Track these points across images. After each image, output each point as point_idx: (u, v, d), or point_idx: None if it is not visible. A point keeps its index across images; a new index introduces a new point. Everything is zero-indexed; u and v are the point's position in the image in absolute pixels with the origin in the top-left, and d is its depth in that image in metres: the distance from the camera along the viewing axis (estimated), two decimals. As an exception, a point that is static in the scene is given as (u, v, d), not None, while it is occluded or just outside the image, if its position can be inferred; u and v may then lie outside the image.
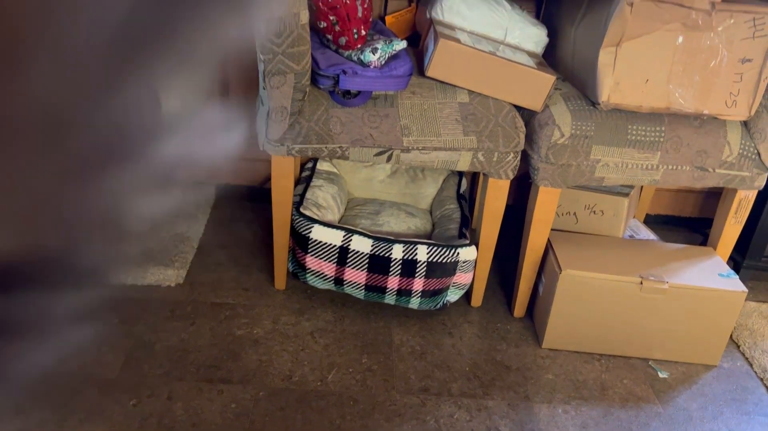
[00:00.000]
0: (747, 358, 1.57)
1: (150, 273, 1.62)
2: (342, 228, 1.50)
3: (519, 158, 1.47)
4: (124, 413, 1.25)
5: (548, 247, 1.55)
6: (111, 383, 1.31)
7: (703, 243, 2.04)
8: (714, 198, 2.11)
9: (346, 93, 1.40)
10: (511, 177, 1.48)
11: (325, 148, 1.43)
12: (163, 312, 1.53)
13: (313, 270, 1.53)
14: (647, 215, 2.12)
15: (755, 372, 1.53)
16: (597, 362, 1.51)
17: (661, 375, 1.49)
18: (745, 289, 1.45)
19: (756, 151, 1.48)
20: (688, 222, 2.17)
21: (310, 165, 1.86)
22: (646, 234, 1.78)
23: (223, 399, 1.30)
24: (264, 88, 1.41)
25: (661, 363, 1.53)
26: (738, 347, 1.61)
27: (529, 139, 1.47)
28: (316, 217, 1.57)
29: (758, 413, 1.41)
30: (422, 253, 1.47)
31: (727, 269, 1.53)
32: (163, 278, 1.62)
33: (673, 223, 2.17)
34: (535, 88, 1.43)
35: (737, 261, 1.83)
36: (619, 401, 1.40)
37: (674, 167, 1.47)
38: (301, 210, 1.56)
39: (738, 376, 1.51)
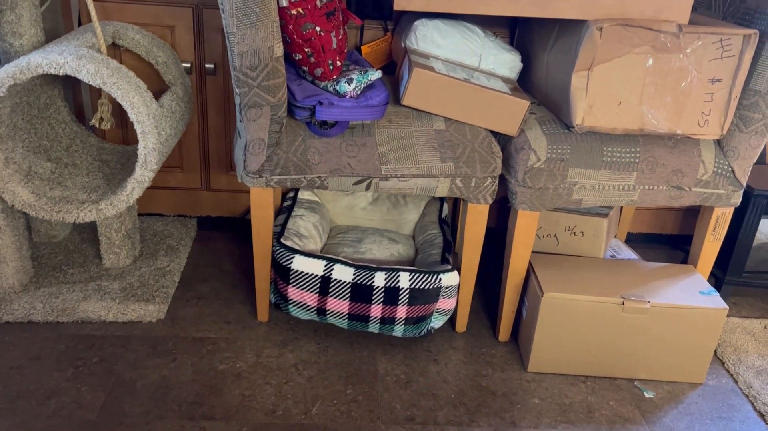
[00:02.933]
0: (732, 375, 1.57)
1: (131, 309, 1.60)
2: (323, 258, 1.49)
3: (497, 183, 1.48)
4: (104, 454, 1.22)
5: (530, 270, 1.55)
6: (90, 425, 1.29)
7: (685, 260, 2.05)
8: (694, 215, 2.13)
9: (323, 123, 1.41)
10: (490, 201, 1.49)
11: (304, 178, 1.44)
12: (144, 349, 1.51)
13: (295, 301, 1.52)
14: (629, 234, 2.14)
15: (740, 389, 1.53)
16: (583, 384, 1.51)
17: (647, 395, 1.49)
18: (726, 306, 1.46)
19: (730, 169, 1.50)
20: (669, 240, 2.19)
21: (291, 194, 1.86)
22: (628, 253, 1.79)
23: (205, 437, 1.28)
24: (241, 121, 1.41)
25: (646, 383, 1.53)
26: (723, 364, 1.61)
27: (506, 163, 1.49)
28: (297, 247, 1.57)
29: (744, 430, 1.41)
30: (404, 280, 1.47)
31: (707, 286, 1.53)
32: (144, 314, 1.60)
33: (654, 241, 2.19)
34: (510, 113, 1.45)
35: (718, 277, 1.85)
36: (606, 423, 1.40)
37: (651, 187, 1.49)
38: (282, 240, 1.55)
39: (723, 393, 1.51)
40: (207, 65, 1.82)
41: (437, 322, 1.58)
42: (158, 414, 1.32)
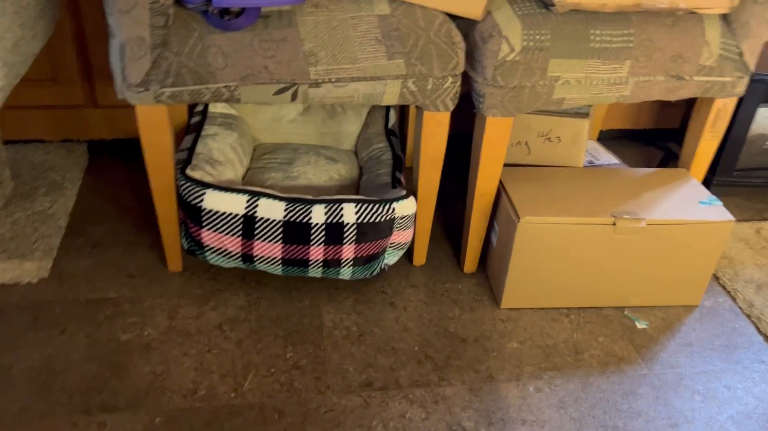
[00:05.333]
0: (729, 292, 1.38)
1: (1, 269, 1.25)
2: (244, 191, 1.16)
3: (459, 83, 1.16)
4: (-32, 476, 0.93)
5: (500, 189, 1.27)
6: (-52, 434, 0.98)
7: (665, 160, 1.82)
8: (668, 107, 1.88)
9: (225, 12, 1.04)
10: (451, 108, 1.17)
11: (206, 89, 1.08)
12: (21, 321, 1.18)
13: (212, 247, 1.20)
14: (600, 132, 1.88)
15: (740, 308, 1.34)
16: (566, 318, 1.28)
17: (639, 325, 1.28)
18: (732, 217, 1.23)
19: (738, 51, 1.23)
20: (641, 135, 1.94)
21: (200, 108, 1.49)
22: (607, 158, 1.53)
23: (105, 436, 0.99)
24: (111, 14, 1.02)
25: (637, 310, 1.32)
26: (717, 279, 1.41)
27: (470, 57, 1.16)
28: (209, 179, 1.23)
29: (751, 359, 1.22)
30: (349, 214, 1.17)
31: (707, 194, 1.30)
32: (19, 274, 1.26)
33: (626, 138, 1.94)
34: (474, -11, 1.10)
35: (706, 178, 1.62)
36: (598, 366, 1.18)
37: (646, 78, 1.20)
38: (188, 172, 1.21)
39: (723, 315, 1.32)
40: (69, -59, 1.38)
41: (392, 258, 1.30)
42: (41, 410, 1.02)
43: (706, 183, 1.63)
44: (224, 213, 1.16)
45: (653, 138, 1.93)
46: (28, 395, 1.04)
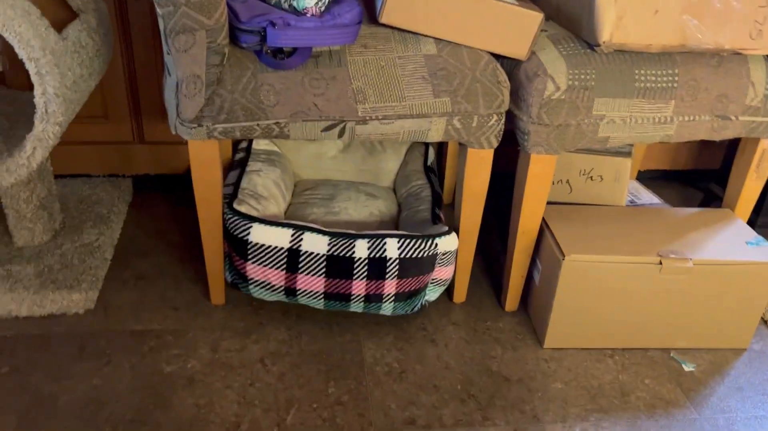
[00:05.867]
0: (778, 336, 1.35)
1: (50, 299, 1.28)
2: (289, 226, 1.18)
3: (503, 121, 1.17)
4: (15, 505, 0.93)
5: (543, 227, 1.27)
6: (-4, 462, 0.99)
7: (705, 200, 1.80)
8: (709, 147, 1.87)
9: (278, 52, 1.07)
10: (495, 145, 1.19)
11: (257, 126, 1.10)
12: (68, 351, 1.19)
13: (256, 281, 1.22)
14: (638, 172, 1.87)
15: (790, 353, 1.30)
16: (610, 359, 1.26)
17: (686, 368, 1.25)
18: (781, 259, 1.21)
19: (784, 91, 1.22)
20: (680, 176, 1.93)
21: (244, 145, 1.52)
22: (649, 197, 1.52)
23: (150, 468, 0.99)
24: (168, 53, 1.06)
25: (683, 352, 1.29)
26: (766, 323, 1.38)
27: (515, 96, 1.18)
28: (254, 213, 1.25)
29: (805, 405, 1.18)
30: (392, 248, 1.17)
31: (754, 235, 1.28)
32: (67, 304, 1.28)
33: (664, 178, 1.93)
34: (519, 29, 1.13)
35: (750, 220, 1.60)
36: (645, 408, 1.15)
37: (691, 118, 1.20)
38: (235, 205, 1.23)
39: (773, 360, 1.29)
40: (126, -15, 1.44)
41: (433, 295, 1.29)
42: (87, 441, 1.03)
43: (750, 224, 1.60)
44: (270, 246, 1.17)
45: (692, 179, 1.92)
46: (74, 425, 1.05)
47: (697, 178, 1.91)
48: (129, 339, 1.23)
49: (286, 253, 1.18)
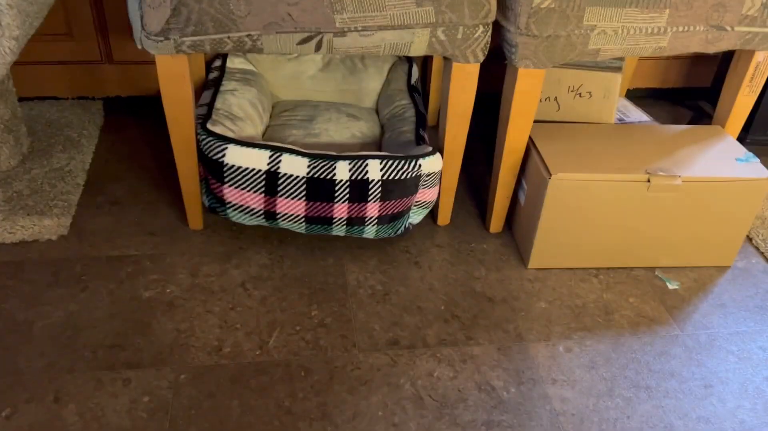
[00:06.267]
0: (762, 253, 1.34)
1: (20, 225, 1.23)
2: (266, 147, 1.13)
3: (490, 32, 1.11)
4: (-5, 430, 0.92)
5: (530, 146, 1.23)
6: (-27, 389, 0.97)
7: (695, 118, 1.77)
8: (699, 64, 1.82)
9: (248, -44, 0.99)
10: (482, 59, 1.13)
11: (228, 38, 1.04)
12: (42, 278, 1.16)
13: (234, 204, 1.18)
14: (627, 91, 1.82)
15: (774, 270, 1.30)
16: (595, 279, 1.25)
17: (670, 286, 1.25)
18: (770, 176, 1.19)
19: (783, 0, 1.17)
20: (669, 94, 1.89)
21: (218, 63, 1.45)
22: (638, 115, 1.48)
23: (131, 392, 0.98)
24: (128, -42, 0.98)
25: (668, 271, 1.28)
26: (750, 240, 1.37)
27: (502, 5, 1.11)
28: (230, 135, 1.20)
29: (786, 320, 1.19)
30: (374, 170, 1.13)
31: (743, 151, 1.25)
32: (39, 230, 1.24)
33: (652, 97, 1.89)
34: (508, -68, 1.05)
35: (739, 137, 1.57)
36: (629, 326, 1.16)
37: (685, 28, 1.15)
38: (209, 126, 1.18)
39: (756, 277, 1.29)
40: None
41: (416, 217, 1.27)
42: (66, 366, 1.01)
43: (740, 141, 1.58)
44: (246, 168, 1.13)
45: (682, 97, 1.88)
46: (52, 351, 1.03)
47: (687, 96, 1.87)
48: (105, 265, 1.20)
49: (264, 176, 1.13)
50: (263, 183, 1.14)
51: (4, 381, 0.98)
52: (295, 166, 1.12)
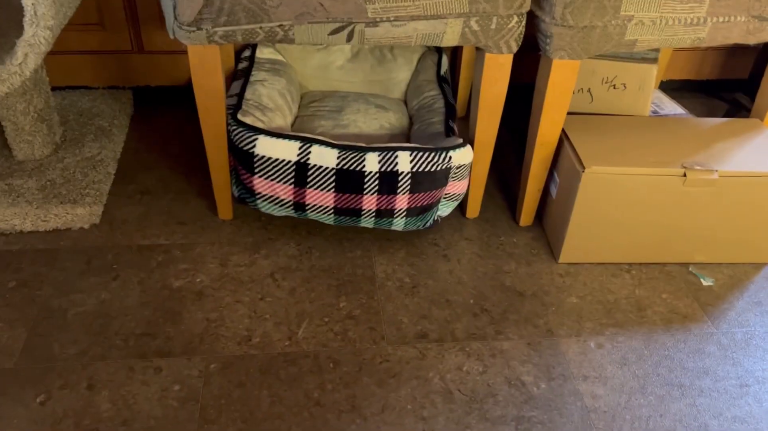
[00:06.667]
0: (800, 250, 1.31)
1: (53, 214, 1.25)
2: (296, 138, 1.13)
3: (524, 23, 1.09)
4: (29, 415, 0.93)
5: (563, 138, 1.21)
6: (8, 374, 0.99)
7: (732, 111, 1.73)
8: (736, 56, 1.78)
9: (281, -55, 0.98)
10: (515, 50, 1.11)
11: (260, 29, 1.03)
12: (75, 266, 1.18)
13: (264, 195, 1.18)
14: (660, 82, 1.78)
15: (812, 267, 1.27)
16: (627, 274, 1.23)
17: (705, 282, 1.22)
18: (812, 171, 1.16)
19: (829, -11, 1.13)
20: (704, 87, 1.84)
21: (247, 53, 1.45)
22: (672, 108, 1.45)
23: (161, 380, 0.99)
24: (162, -52, 0.98)
25: (702, 267, 1.26)
26: (788, 237, 1.34)
27: (537, -6, 1.09)
28: (259, 125, 1.20)
29: (825, 320, 1.16)
30: (404, 162, 1.13)
31: (784, 146, 1.22)
32: (71, 219, 1.25)
33: (686, 89, 1.84)
34: None
35: (778, 131, 1.53)
36: (662, 323, 1.14)
37: (726, 19, 1.11)
38: (240, 116, 1.18)
39: (794, 274, 1.26)
40: None
41: (445, 210, 1.26)
42: (98, 354, 1.02)
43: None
44: (276, 159, 1.13)
45: (717, 89, 1.83)
46: (85, 338, 1.05)
47: (723, 88, 1.83)
48: (136, 254, 1.21)
49: (294, 167, 1.13)
50: (293, 174, 1.13)
51: (39, 368, 0.99)
52: (324, 158, 1.12)
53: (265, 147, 1.12)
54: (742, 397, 1.01)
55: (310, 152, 1.12)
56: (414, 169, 1.13)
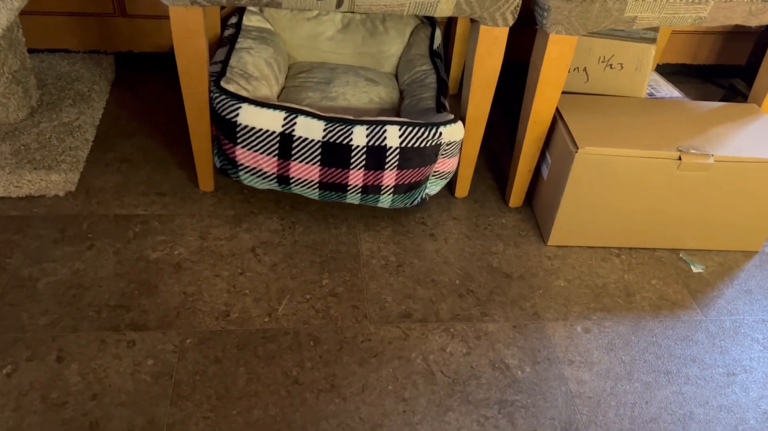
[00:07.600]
0: (791, 239, 1.29)
1: (27, 179, 1.20)
2: (282, 108, 1.09)
3: (521, -5, 1.05)
4: (-5, 387, 0.90)
5: (556, 118, 1.18)
6: (-25, 344, 0.95)
7: (728, 96, 1.70)
8: (734, 41, 1.74)
9: None
10: (511, 23, 1.07)
11: (246, -10, 0.98)
12: (49, 234, 1.13)
13: (247, 166, 1.14)
14: (656, 66, 1.75)
15: (803, 257, 1.25)
16: (616, 259, 1.21)
17: (695, 269, 1.20)
18: (808, 158, 1.13)
19: (835, -29, 1.10)
20: (700, 71, 1.81)
21: (234, 20, 1.40)
22: (668, 90, 1.42)
23: (135, 354, 0.95)
24: None
25: (692, 253, 1.24)
26: (779, 226, 1.32)
27: (536, -35, 1.05)
28: (244, 93, 1.15)
29: (814, 310, 1.15)
30: (393, 136, 1.09)
31: (781, 133, 1.19)
32: (46, 186, 1.21)
33: (682, 73, 1.81)
34: None
35: (774, 118, 1.50)
36: (650, 309, 1.12)
37: (729, -2, 1.08)
38: (223, 84, 1.13)
39: (784, 264, 1.24)
40: None
41: (433, 188, 1.22)
42: (69, 325, 0.98)
43: None
44: (260, 129, 1.08)
45: (714, 74, 1.81)
46: (55, 309, 1.01)
47: (719, 73, 1.80)
48: (112, 224, 1.17)
49: (278, 138, 1.09)
50: (277, 145, 1.09)
51: (7, 338, 0.96)
52: (310, 129, 1.08)
53: (249, 116, 1.08)
54: (728, 386, 1.00)
55: (295, 123, 1.08)
56: (403, 145, 1.09)
